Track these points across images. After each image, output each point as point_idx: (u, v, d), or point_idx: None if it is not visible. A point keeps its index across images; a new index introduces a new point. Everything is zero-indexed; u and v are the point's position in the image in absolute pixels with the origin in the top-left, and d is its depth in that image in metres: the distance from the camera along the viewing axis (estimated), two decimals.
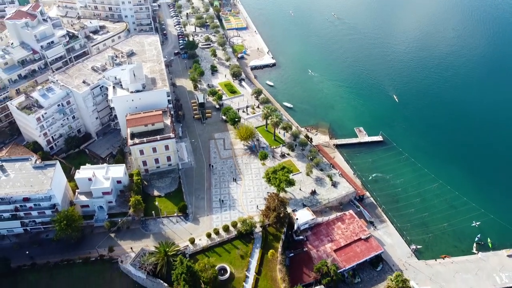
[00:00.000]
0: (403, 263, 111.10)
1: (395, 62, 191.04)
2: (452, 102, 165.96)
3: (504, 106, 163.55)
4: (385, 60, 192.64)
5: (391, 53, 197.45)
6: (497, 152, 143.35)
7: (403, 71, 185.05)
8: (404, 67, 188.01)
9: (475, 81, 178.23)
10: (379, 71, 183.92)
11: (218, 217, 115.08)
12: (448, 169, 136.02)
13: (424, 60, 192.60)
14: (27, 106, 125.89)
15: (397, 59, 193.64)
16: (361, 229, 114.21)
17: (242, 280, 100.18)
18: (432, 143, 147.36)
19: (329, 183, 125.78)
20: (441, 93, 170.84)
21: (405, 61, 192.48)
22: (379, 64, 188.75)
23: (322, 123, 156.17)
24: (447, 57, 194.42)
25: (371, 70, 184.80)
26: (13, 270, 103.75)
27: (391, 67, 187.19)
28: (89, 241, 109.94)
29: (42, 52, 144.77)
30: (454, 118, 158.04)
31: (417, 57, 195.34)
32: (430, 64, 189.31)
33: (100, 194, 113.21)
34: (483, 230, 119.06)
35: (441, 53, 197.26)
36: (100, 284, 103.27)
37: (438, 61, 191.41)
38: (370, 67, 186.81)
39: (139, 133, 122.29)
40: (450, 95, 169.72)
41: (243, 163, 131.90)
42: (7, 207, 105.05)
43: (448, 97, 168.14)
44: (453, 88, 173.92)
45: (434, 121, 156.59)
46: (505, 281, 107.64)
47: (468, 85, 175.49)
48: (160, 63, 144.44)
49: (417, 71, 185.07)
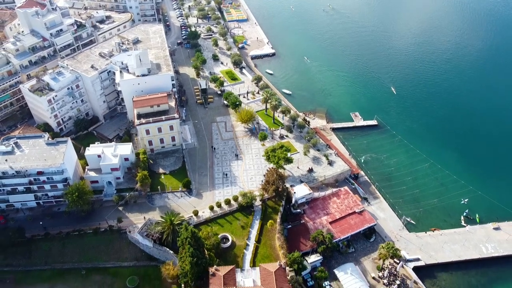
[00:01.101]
0: (395, 235, 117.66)
1: (392, 52, 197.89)
2: (445, 91, 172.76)
3: (491, 94, 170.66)
4: (382, 50, 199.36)
5: (387, 44, 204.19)
6: (485, 134, 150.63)
7: (399, 60, 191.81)
8: (400, 56, 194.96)
9: (469, 72, 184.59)
10: (376, 61, 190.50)
11: (220, 192, 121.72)
12: (440, 151, 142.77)
13: (421, 51, 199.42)
14: (39, 89, 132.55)
15: (394, 48, 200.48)
16: (355, 204, 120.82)
17: (243, 247, 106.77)
18: (424, 127, 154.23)
19: (325, 162, 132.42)
20: (435, 82, 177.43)
21: (401, 50, 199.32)
22: (376, 54, 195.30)
23: (319, 109, 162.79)
24: (445, 48, 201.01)
25: (368, 59, 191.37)
26: (27, 239, 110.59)
27: (387, 57, 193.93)
28: (99, 213, 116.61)
29: (52, 40, 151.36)
30: (446, 105, 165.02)
31: (413, 47, 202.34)
32: (426, 55, 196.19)
33: (109, 170, 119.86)
34: (472, 207, 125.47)
35: (439, 44, 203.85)
36: (109, 252, 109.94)
37: (434, 51, 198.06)
38: (367, 57, 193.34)
39: (145, 114, 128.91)
40: (444, 84, 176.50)
41: (244, 144, 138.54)
42: (22, 180, 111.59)
43: (442, 87, 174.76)
44: (447, 78, 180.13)
45: (427, 108, 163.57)
46: (491, 251, 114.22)
47: (462, 76, 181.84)
48: (165, 50, 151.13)
49: (413, 61, 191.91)
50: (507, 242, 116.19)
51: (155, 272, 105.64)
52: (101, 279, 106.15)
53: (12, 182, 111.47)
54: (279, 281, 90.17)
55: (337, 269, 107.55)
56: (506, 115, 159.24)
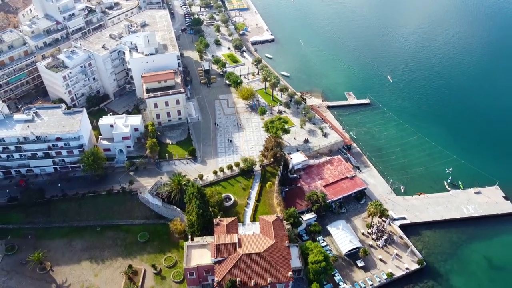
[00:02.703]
0: (384, 198, 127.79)
1: (387, 39, 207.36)
2: (436, 74, 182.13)
3: (476, 76, 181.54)
4: (377, 38, 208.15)
5: (383, 31, 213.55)
6: (469, 110, 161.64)
7: (394, 47, 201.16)
8: (395, 43, 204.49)
9: (458, 57, 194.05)
10: (371, 47, 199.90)
11: (223, 159, 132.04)
12: (427, 125, 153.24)
13: (415, 38, 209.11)
14: (54, 66, 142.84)
15: (389, 35, 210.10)
16: (348, 170, 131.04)
17: (244, 206, 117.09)
18: (414, 105, 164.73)
19: (320, 134, 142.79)
20: (426, 66, 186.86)
21: (395, 37, 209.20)
22: (372, 41, 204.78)
23: (316, 89, 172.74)
24: (439, 35, 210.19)
25: (364, 46, 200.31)
26: (47, 200, 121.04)
27: (382, 44, 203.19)
28: (111, 178, 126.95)
29: (65, 23, 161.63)
30: (435, 86, 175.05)
31: (408, 35, 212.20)
32: (420, 41, 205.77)
33: (120, 138, 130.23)
34: (455, 174, 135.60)
35: (434, 32, 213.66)
36: (121, 212, 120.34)
37: (429, 38, 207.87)
38: (363, 44, 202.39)
39: (153, 88, 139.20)
40: (436, 68, 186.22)
41: (245, 118, 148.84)
42: (41, 146, 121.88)
43: (433, 71, 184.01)
44: (440, 63, 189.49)
45: (417, 88, 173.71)
46: (471, 212, 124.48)
47: (451, 61, 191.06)
48: (170, 32, 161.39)
49: (407, 48, 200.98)
50: (487, 204, 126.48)
51: (164, 228, 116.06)
52: (114, 234, 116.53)
53: (32, 148, 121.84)
54: (276, 229, 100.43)
55: (329, 225, 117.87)
56: (488, 92, 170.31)
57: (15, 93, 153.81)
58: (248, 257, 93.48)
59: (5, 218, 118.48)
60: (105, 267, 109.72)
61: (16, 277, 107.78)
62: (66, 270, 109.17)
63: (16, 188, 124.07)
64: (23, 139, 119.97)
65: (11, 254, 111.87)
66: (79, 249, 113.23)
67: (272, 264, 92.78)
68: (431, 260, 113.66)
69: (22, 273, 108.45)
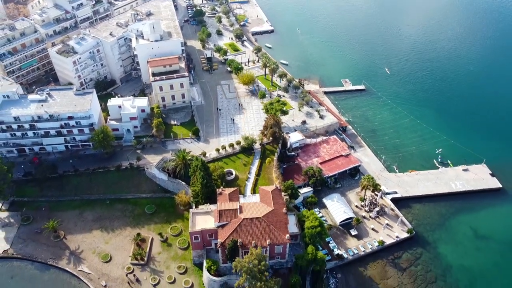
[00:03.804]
0: (377, 174, 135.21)
1: (383, 30, 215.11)
2: (429, 62, 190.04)
3: (466, 63, 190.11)
4: (375, 29, 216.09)
5: (380, 24, 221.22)
6: (458, 95, 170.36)
7: (391, 38, 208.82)
8: (393, 34, 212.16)
9: (452, 47, 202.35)
10: (367, 37, 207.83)
11: (224, 139, 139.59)
12: (420, 109, 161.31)
13: (412, 30, 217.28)
14: (65, 51, 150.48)
15: (385, 26, 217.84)
16: (343, 149, 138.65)
17: (244, 180, 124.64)
18: (407, 91, 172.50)
19: (317, 116, 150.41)
20: (423, 57, 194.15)
21: (394, 29, 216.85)
22: (368, 32, 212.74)
23: (313, 76, 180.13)
24: (436, 27, 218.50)
25: (360, 36, 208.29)
26: (59, 175, 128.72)
27: (378, 33, 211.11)
28: (120, 156, 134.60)
29: (73, 12, 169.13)
30: (429, 73, 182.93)
31: (403, 27, 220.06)
32: (416, 33, 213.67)
33: (128, 119, 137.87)
34: (445, 154, 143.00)
35: (429, 24, 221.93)
36: (129, 186, 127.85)
37: (427, 29, 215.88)
38: (360, 34, 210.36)
39: (159, 73, 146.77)
40: (430, 55, 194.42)
41: (245, 102, 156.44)
42: (54, 124, 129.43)
43: (428, 61, 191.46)
44: (435, 54, 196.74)
45: (411, 75, 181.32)
46: (459, 187, 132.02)
47: (445, 51, 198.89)
48: (174, 21, 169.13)
49: (403, 39, 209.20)
50: (474, 180, 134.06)
51: (170, 201, 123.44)
52: (123, 207, 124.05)
53: (45, 126, 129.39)
54: (275, 198, 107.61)
55: (325, 198, 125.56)
56: (477, 80, 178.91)
57: (26, 79, 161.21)
58: (248, 221, 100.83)
59: (20, 192, 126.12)
60: (115, 236, 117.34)
61: (32, 244, 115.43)
62: (79, 238, 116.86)
63: (30, 164, 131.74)
64: (37, 118, 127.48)
65: (26, 224, 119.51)
66: (90, 220, 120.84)
67: (271, 228, 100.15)
68: (420, 230, 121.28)
69: (38, 241, 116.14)
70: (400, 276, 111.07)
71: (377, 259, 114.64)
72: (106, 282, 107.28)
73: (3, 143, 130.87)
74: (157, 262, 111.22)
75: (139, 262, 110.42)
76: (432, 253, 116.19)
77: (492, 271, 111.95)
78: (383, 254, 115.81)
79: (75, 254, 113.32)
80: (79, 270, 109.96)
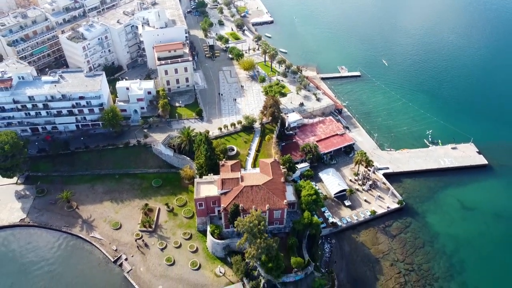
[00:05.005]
0: (370, 152, 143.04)
1: (378, 21, 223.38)
2: (421, 50, 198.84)
3: (458, 53, 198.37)
4: (371, 21, 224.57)
5: (376, 16, 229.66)
6: (449, 79, 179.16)
7: (388, 30, 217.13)
8: (389, 25, 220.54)
9: (446, 38, 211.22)
10: (364, 28, 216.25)
11: (226, 119, 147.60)
12: (411, 93, 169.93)
13: (407, 23, 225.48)
14: (75, 37, 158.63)
15: (382, 18, 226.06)
16: (338, 129, 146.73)
17: (245, 155, 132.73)
18: (401, 76, 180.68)
19: (314, 98, 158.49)
20: (417, 48, 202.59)
21: (390, 20, 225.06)
22: (365, 23, 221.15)
23: (311, 63, 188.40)
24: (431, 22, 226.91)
25: (358, 27, 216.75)
26: (71, 151, 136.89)
27: (374, 25, 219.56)
28: (128, 134, 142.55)
29: (82, 1, 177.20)
30: (422, 60, 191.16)
31: (399, 20, 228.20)
32: (412, 26, 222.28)
33: (135, 100, 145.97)
34: (435, 134, 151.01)
35: (423, 17, 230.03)
36: (137, 162, 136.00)
37: (424, 23, 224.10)
38: (358, 24, 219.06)
39: (164, 57, 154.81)
40: (422, 42, 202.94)
41: (246, 86, 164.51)
42: (66, 104, 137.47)
43: (422, 49, 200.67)
44: (429, 45, 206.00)
45: (404, 63, 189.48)
46: (447, 163, 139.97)
47: (441, 43, 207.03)
48: (178, 10, 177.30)
49: (400, 32, 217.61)
50: (462, 157, 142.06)
51: (175, 176, 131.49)
52: (131, 181, 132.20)
53: (58, 106, 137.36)
54: (274, 169, 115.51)
55: (320, 173, 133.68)
56: (466, 66, 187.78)
57: (37, 65, 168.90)
58: (249, 188, 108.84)
59: (35, 167, 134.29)
60: (124, 206, 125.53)
61: (46, 214, 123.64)
62: (90, 208, 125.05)
63: (43, 142, 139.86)
64: (50, 97, 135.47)
65: (41, 196, 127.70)
66: (101, 192, 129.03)
67: (270, 194, 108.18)
68: (410, 202, 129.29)
69: (52, 211, 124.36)
70: (391, 242, 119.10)
71: (369, 227, 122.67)
72: (116, 247, 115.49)
73: (18, 122, 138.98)
74: (164, 229, 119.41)
75: (147, 229, 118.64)
76: (420, 222, 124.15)
77: (477, 238, 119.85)
78: (375, 222, 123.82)
79: (87, 222, 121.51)
80: (92, 236, 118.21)
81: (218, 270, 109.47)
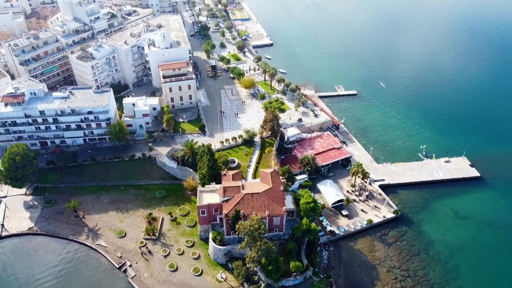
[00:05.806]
0: (367, 165, 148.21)
1: (371, 40, 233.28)
2: (420, 72, 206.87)
3: (453, 72, 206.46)
4: (363, 40, 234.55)
5: (364, 35, 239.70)
6: (442, 96, 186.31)
7: (383, 49, 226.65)
8: (384, 46, 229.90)
9: (440, 56, 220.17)
10: (358, 48, 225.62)
11: (228, 134, 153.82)
12: (407, 109, 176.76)
13: (400, 41, 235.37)
14: (84, 57, 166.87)
15: (380, 40, 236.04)
16: (335, 142, 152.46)
17: (246, 167, 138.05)
18: (395, 95, 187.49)
19: (312, 114, 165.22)
20: (413, 68, 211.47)
21: (385, 40, 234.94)
22: (358, 43, 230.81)
23: (309, 82, 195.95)
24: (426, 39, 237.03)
25: (351, 47, 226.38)
26: (78, 163, 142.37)
27: (368, 44, 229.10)
28: (133, 148, 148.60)
29: (91, 24, 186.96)
30: (416, 79, 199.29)
31: (390, 38, 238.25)
32: (406, 44, 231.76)
33: (141, 115, 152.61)
34: (429, 149, 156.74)
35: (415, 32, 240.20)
36: (142, 174, 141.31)
37: (419, 43, 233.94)
38: (351, 44, 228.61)
39: (169, 75, 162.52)
40: (419, 68, 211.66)
41: (247, 103, 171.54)
42: (75, 118, 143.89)
43: (417, 69, 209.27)
44: (422, 61, 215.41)
45: (399, 82, 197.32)
46: (441, 176, 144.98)
47: (436, 62, 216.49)
48: (182, 32, 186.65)
49: (398, 52, 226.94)
50: (455, 170, 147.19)
51: (178, 187, 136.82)
52: (136, 192, 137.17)
53: (67, 120, 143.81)
54: (273, 178, 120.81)
55: (318, 184, 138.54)
56: (459, 84, 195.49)
57: (47, 83, 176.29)
58: (250, 196, 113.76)
59: (43, 178, 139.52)
60: (129, 216, 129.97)
61: (54, 223, 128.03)
62: (96, 217, 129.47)
63: (52, 155, 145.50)
64: (60, 112, 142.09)
65: (49, 206, 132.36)
66: (106, 202, 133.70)
67: (270, 201, 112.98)
68: (406, 211, 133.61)
69: (59, 220, 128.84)
70: (387, 249, 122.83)
71: (366, 235, 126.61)
72: (121, 254, 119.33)
73: (28, 136, 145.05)
74: (167, 237, 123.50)
75: (151, 237, 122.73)
76: (416, 230, 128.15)
77: (470, 244, 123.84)
78: (371, 231, 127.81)
79: (93, 230, 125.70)
80: (97, 244, 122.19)
81: (219, 275, 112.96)
